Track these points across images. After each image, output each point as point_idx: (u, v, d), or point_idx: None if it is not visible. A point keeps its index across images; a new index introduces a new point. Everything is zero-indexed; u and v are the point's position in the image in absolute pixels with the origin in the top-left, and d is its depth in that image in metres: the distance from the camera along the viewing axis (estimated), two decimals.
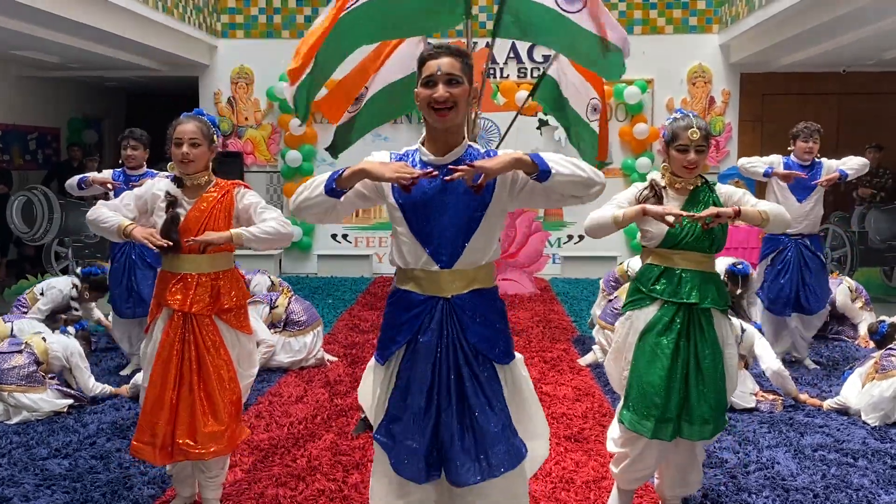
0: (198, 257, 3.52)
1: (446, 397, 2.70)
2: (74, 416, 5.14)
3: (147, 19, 9.64)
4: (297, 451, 4.56)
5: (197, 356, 3.52)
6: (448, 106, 2.63)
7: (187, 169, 3.54)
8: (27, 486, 4.05)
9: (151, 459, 3.55)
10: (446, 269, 2.71)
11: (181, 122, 3.55)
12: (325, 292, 9.90)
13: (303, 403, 5.42)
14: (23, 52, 10.52)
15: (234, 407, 3.60)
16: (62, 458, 4.43)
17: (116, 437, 4.72)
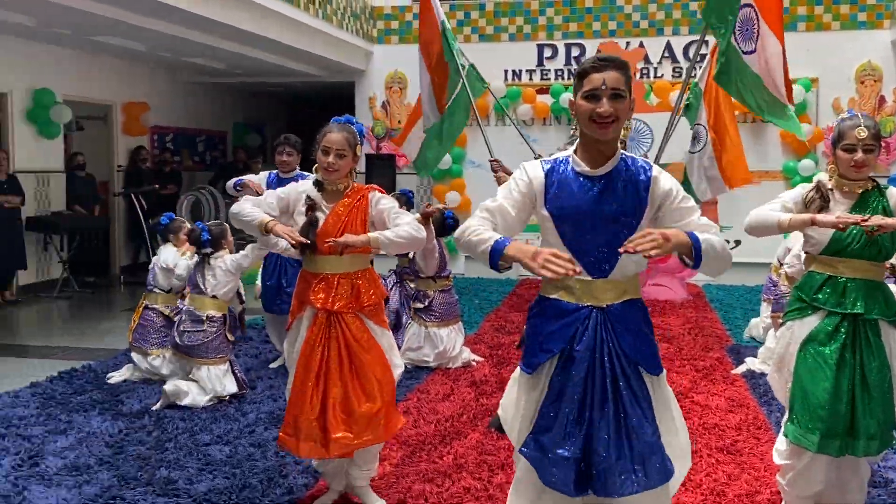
0: (338, 258, 3.63)
1: (600, 408, 2.65)
2: (235, 405, 5.40)
3: (308, 27, 10.03)
4: (444, 448, 4.62)
5: (347, 351, 3.62)
6: (611, 120, 2.61)
7: (330, 177, 3.66)
8: (191, 469, 4.28)
9: (295, 451, 3.67)
10: (601, 279, 2.69)
11: (331, 130, 3.65)
12: (471, 293, 9.98)
13: (449, 402, 5.48)
14: (193, 59, 11.17)
15: (388, 388, 3.68)
16: (223, 445, 4.66)
17: (273, 427, 4.92)
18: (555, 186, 2.70)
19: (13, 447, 4.57)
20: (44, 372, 6.21)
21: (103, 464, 4.35)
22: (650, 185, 2.69)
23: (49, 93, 10.13)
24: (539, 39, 11.86)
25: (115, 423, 5.00)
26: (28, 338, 8.04)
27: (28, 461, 4.37)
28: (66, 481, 4.11)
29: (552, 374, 2.71)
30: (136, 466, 4.31)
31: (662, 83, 11.21)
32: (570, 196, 2.67)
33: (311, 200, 3.67)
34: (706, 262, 2.55)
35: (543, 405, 2.72)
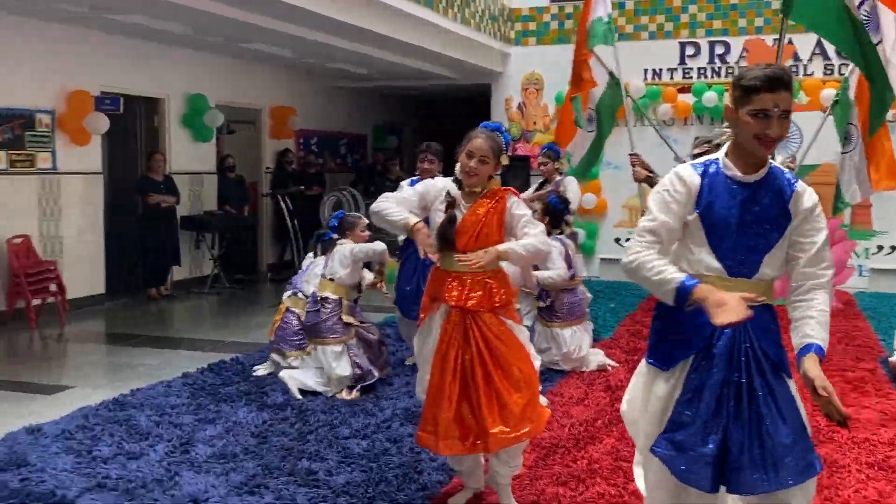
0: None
1: (734, 406, 2.63)
2: (373, 401, 5.53)
3: (446, 30, 10.15)
4: (578, 452, 4.58)
5: (487, 347, 3.64)
6: (776, 140, 2.61)
7: (469, 180, 3.69)
8: (330, 461, 4.42)
9: (434, 448, 3.72)
10: (742, 280, 2.67)
11: (478, 135, 3.68)
12: (606, 297, 9.84)
13: (583, 406, 5.43)
14: (337, 64, 11.51)
15: (533, 379, 3.70)
16: (361, 439, 4.78)
17: (409, 423, 5.02)
18: (706, 191, 2.68)
19: (166, 434, 4.84)
20: (195, 364, 6.55)
21: (248, 453, 4.55)
22: (792, 199, 2.67)
23: (203, 98, 10.69)
24: (681, 37, 11.57)
25: (260, 415, 5.22)
26: (181, 331, 8.51)
27: (179, 448, 4.62)
28: (214, 468, 4.32)
29: (687, 372, 2.70)
30: (280, 457, 4.49)
31: (813, 81, 10.72)
32: (721, 200, 2.66)
33: (451, 198, 3.71)
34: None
35: (679, 403, 2.70)
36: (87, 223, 9.28)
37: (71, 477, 4.16)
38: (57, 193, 8.86)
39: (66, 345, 7.73)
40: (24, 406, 5.54)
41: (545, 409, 3.81)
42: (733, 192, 2.67)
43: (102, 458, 4.44)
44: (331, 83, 13.58)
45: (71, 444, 4.65)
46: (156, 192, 9.85)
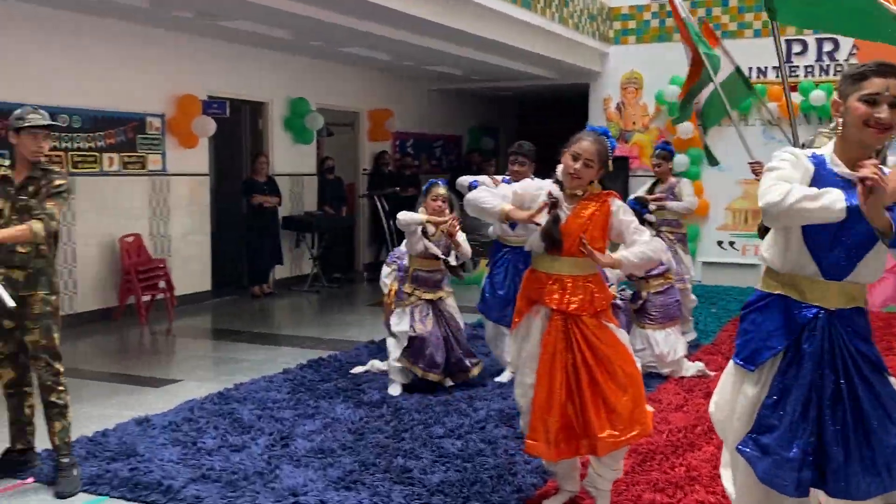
0: (575, 260, 3.63)
1: (832, 409, 2.57)
2: (466, 401, 5.55)
3: (544, 30, 10.10)
4: (676, 458, 4.49)
5: (591, 350, 3.60)
6: (887, 127, 2.53)
7: (572, 183, 3.65)
8: (425, 460, 4.46)
9: (546, 455, 3.69)
10: (834, 282, 2.61)
11: (585, 137, 3.64)
12: (707, 301, 9.61)
13: (682, 412, 5.32)
14: (433, 66, 11.61)
15: (638, 380, 3.66)
16: (455, 439, 4.81)
17: (503, 425, 5.01)
18: (814, 181, 2.61)
19: (267, 428, 4.97)
20: (294, 360, 6.71)
21: (346, 449, 4.63)
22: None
23: (304, 102, 10.93)
24: (787, 35, 11.21)
25: (357, 411, 5.31)
26: (282, 328, 8.74)
27: (280, 442, 4.74)
28: (312, 463, 4.41)
29: (774, 373, 2.66)
30: (375, 453, 4.55)
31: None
32: None
33: (553, 198, 3.67)
34: None
35: (765, 405, 2.66)
36: (194, 223, 9.62)
37: (177, 468, 4.32)
38: (166, 194, 9.21)
39: (173, 340, 8.03)
40: (134, 398, 5.78)
41: (650, 410, 3.76)
42: (839, 188, 2.55)
43: (207, 449, 4.60)
44: (427, 85, 13.70)
45: (177, 435, 4.83)
46: (259, 194, 10.13)
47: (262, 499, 3.94)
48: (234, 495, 3.99)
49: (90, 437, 4.76)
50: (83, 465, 4.32)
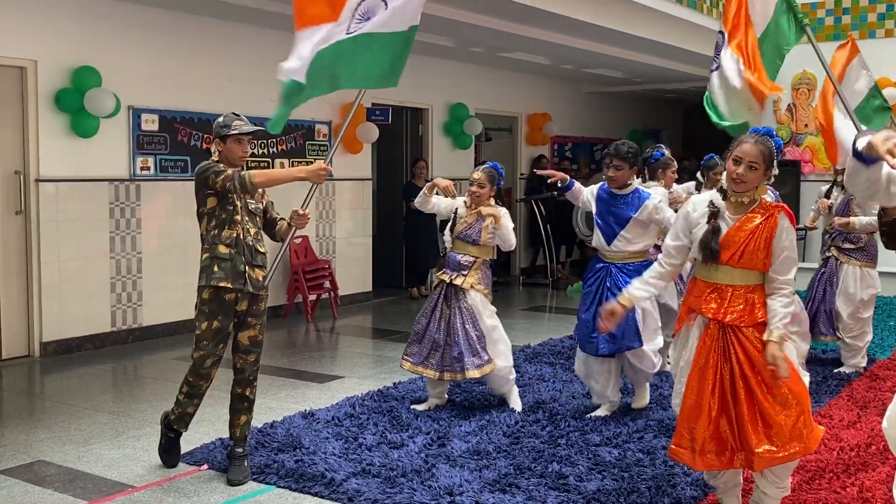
0: (734, 270, 3.51)
1: None
2: (624, 410, 5.46)
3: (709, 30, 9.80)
4: (847, 478, 4.25)
5: (749, 362, 3.47)
6: None
7: (736, 188, 3.52)
8: (581, 467, 4.42)
9: (690, 463, 3.60)
10: None
11: (746, 139, 3.52)
12: (885, 313, 9.03)
13: (855, 429, 5.03)
14: (593, 69, 11.50)
15: (802, 396, 3.49)
16: (612, 448, 4.74)
17: (662, 436, 4.90)
18: None
19: (424, 427, 5.08)
20: None
21: (501, 451, 4.66)
22: None
23: (463, 107, 11.09)
24: None
25: (512, 415, 5.32)
26: None
27: (437, 441, 4.83)
28: (468, 464, 4.47)
29: None
30: (531, 458, 4.56)
31: None
32: None
33: (714, 207, 3.58)
34: None
35: None
36: (357, 226, 9.96)
37: (339, 461, 4.48)
38: (332, 197, 9.58)
39: (336, 338, 8.34)
40: (299, 392, 6.05)
41: (819, 428, 3.58)
42: None
43: (367, 445, 4.74)
44: (587, 88, 13.59)
45: (340, 430, 5.01)
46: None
47: (420, 496, 4.03)
48: (392, 491, 4.10)
49: (259, 428, 5.01)
50: (252, 454, 4.57)
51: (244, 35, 8.36)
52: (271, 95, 8.39)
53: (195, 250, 4.43)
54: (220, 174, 4.18)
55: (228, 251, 4.26)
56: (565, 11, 7.71)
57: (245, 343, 4.38)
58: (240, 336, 4.38)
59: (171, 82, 7.85)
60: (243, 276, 4.27)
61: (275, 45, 8.61)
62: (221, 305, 4.26)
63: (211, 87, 8.09)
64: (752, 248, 3.48)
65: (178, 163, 7.95)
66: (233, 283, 4.24)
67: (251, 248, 4.32)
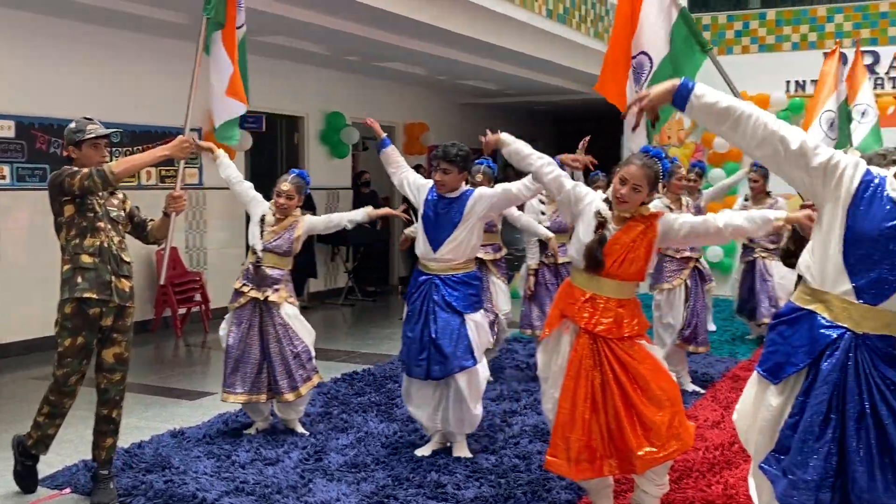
0: (611, 282, 3.62)
1: (854, 430, 2.52)
2: (500, 415, 5.51)
3: (580, 45, 10.11)
4: (713, 476, 4.42)
5: (622, 368, 3.57)
6: None
7: (619, 206, 3.63)
8: (459, 475, 4.42)
9: (566, 473, 3.66)
10: (868, 306, 2.54)
11: (634, 161, 3.63)
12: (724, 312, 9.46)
13: (719, 429, 5.24)
14: (467, 81, 11.64)
15: (674, 395, 3.61)
16: (490, 454, 4.77)
17: (537, 440, 4.97)
18: (865, 202, 2.55)
19: (300, 442, 4.97)
20: (328, 374, 6.70)
21: (379, 463, 4.62)
22: None
23: (339, 116, 11.01)
24: (826, 48, 11.07)
25: (391, 426, 5.29)
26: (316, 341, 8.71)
27: (313, 456, 4.74)
28: (346, 477, 4.40)
29: (798, 391, 2.62)
30: (409, 468, 4.53)
31: None
32: (876, 217, 2.53)
33: (601, 217, 3.66)
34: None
35: (787, 424, 2.63)
36: (229, 236, 9.70)
37: (211, 480, 4.33)
38: (202, 207, 9.31)
39: (208, 352, 8.09)
40: (168, 410, 5.83)
41: (691, 425, 3.72)
42: (890, 210, 2.52)
43: (241, 462, 4.61)
44: (462, 99, 13.74)
45: (211, 448, 4.85)
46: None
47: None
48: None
49: (126, 448, 4.79)
50: (119, 476, 4.36)
51: (106, 38, 8.02)
52: (137, 101, 8.07)
53: (54, 264, 4.18)
54: (76, 175, 3.92)
55: (92, 260, 4.02)
56: (439, 23, 7.77)
57: (110, 361, 4.14)
58: (104, 354, 4.14)
59: (28, 87, 7.45)
60: (109, 287, 4.05)
61: (136, 49, 8.32)
62: (85, 321, 4.03)
63: (73, 92, 7.72)
64: (632, 257, 3.59)
65: (37, 171, 7.55)
66: (98, 293, 4.01)
67: (116, 258, 4.11)
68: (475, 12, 8.18)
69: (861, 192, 2.55)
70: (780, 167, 2.68)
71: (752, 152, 2.77)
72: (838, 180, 2.58)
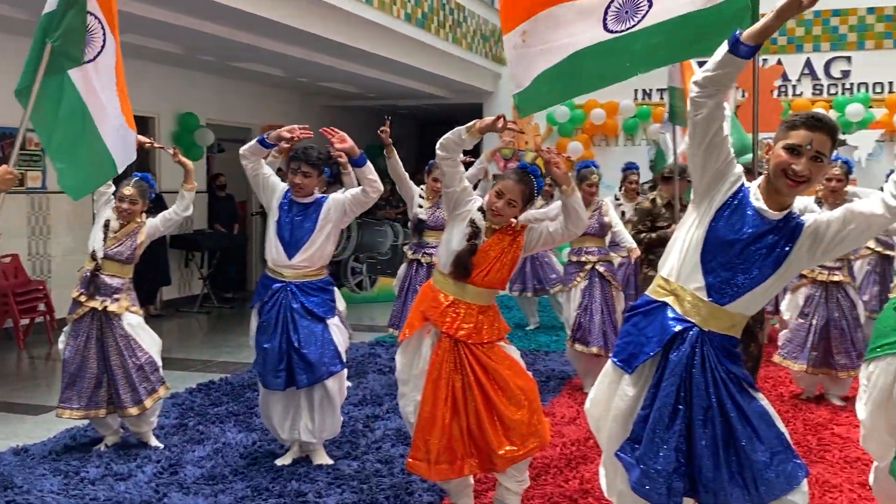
0: (476, 289, 3.68)
1: (701, 421, 2.64)
2: (363, 420, 5.49)
3: (439, 50, 10.20)
4: (570, 472, 4.55)
5: (482, 368, 3.63)
6: (803, 180, 2.59)
7: (493, 219, 3.71)
8: (320, 483, 4.37)
9: (426, 475, 3.69)
10: (718, 306, 2.67)
11: (510, 176, 3.70)
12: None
13: (575, 425, 5.40)
14: (328, 83, 11.54)
15: (532, 393, 3.69)
16: (352, 460, 4.74)
17: (400, 444, 4.98)
18: (731, 208, 2.67)
19: (154, 455, 4.79)
20: (184, 384, 6.50)
21: (237, 474, 4.50)
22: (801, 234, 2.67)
23: (193, 117, 10.68)
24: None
25: (250, 435, 5.17)
26: (170, 351, 8.40)
27: (168, 469, 4.57)
28: (203, 490, 4.27)
29: (651, 383, 2.72)
30: (269, 478, 4.44)
31: (801, 101, 10.80)
32: (736, 223, 2.66)
33: (476, 227, 3.70)
34: None
35: (639, 416, 2.73)
36: (76, 242, 9.21)
37: (58, 499, 4.11)
38: (46, 212, 8.81)
39: (53, 365, 7.65)
40: (10, 427, 5.49)
41: (547, 421, 3.82)
42: (754, 220, 2.65)
43: (90, 479, 4.39)
44: (323, 101, 13.61)
45: (58, 465, 4.60)
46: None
47: None
48: None
49: None
50: None
51: None
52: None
53: None
54: None
55: None
56: (296, 23, 7.66)
57: None
58: None
59: None
60: None
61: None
62: None
63: None
64: (498, 267, 3.67)
65: None
66: None
67: None
68: (332, 14, 8.13)
69: (731, 198, 2.68)
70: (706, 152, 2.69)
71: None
72: (726, 185, 2.69)
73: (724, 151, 2.64)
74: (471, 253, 3.64)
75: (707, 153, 2.62)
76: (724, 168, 2.66)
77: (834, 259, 5.64)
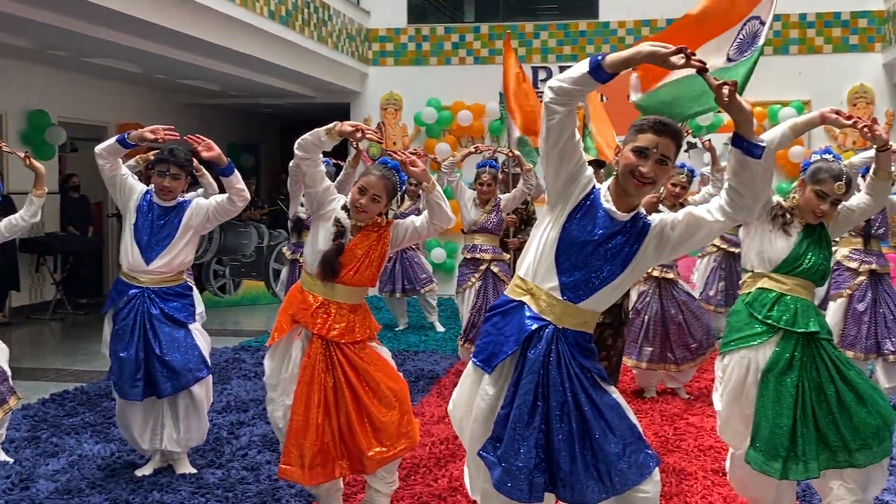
0: (346, 288, 3.66)
1: (558, 420, 2.71)
2: (227, 427, 5.36)
3: (304, 49, 10.08)
4: (439, 471, 4.59)
5: (353, 370, 3.62)
6: (649, 182, 2.70)
7: (358, 216, 3.66)
8: (183, 493, 4.24)
9: (300, 480, 3.63)
10: (571, 304, 2.76)
11: (373, 171, 3.66)
12: None
13: (444, 424, 5.45)
14: (187, 80, 11.20)
15: (403, 395, 3.70)
16: (216, 468, 4.62)
17: (266, 450, 4.89)
18: (583, 210, 2.76)
19: (3, 471, 4.53)
20: (35, 395, 6.18)
21: (95, 487, 4.32)
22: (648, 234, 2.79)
23: (44, 114, 10.14)
24: (534, 62, 11.94)
25: (108, 446, 4.96)
26: (20, 360, 7.97)
27: (19, 484, 4.33)
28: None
29: (510, 381, 2.77)
30: (129, 490, 4.27)
31: None
32: (587, 225, 2.74)
33: (341, 226, 3.66)
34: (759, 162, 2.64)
35: (500, 413, 2.77)
36: None
37: None
38: None
39: None
40: None
41: (416, 422, 3.83)
42: (604, 220, 2.74)
43: None
44: (183, 99, 13.19)
45: None
46: None
47: None
48: None
49: None
50: None
51: None
52: None
53: None
54: None
55: None
56: (151, 18, 7.39)
57: None
58: None
59: None
60: None
61: None
62: None
63: None
64: (367, 264, 3.65)
65: None
66: None
67: None
68: (191, 9, 7.89)
69: (583, 200, 2.77)
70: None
71: None
72: (578, 188, 2.77)
73: (577, 155, 2.74)
74: (337, 252, 3.62)
75: (560, 156, 2.71)
76: (577, 170, 2.75)
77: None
